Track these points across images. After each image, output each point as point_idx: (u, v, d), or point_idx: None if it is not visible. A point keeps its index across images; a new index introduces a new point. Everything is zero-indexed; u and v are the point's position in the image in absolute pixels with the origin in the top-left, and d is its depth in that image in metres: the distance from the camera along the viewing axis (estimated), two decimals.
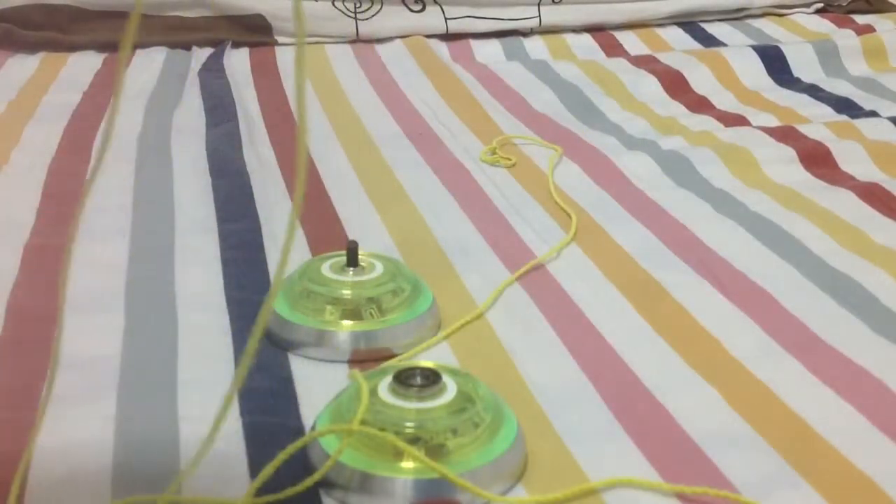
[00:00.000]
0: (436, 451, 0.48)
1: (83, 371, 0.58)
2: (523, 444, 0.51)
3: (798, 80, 1.16)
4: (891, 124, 0.98)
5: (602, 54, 1.29)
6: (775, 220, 0.77)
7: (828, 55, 1.21)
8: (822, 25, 1.37)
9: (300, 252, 0.73)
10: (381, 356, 0.60)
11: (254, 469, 0.50)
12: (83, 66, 1.19)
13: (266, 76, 1.18)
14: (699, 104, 1.08)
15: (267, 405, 0.55)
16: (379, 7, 1.32)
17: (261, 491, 0.48)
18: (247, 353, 0.24)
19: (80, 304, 0.65)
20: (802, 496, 0.48)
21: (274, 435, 0.52)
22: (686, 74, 1.15)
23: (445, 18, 1.33)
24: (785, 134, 0.94)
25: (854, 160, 0.89)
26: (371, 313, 0.61)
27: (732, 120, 1.02)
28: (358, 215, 0.80)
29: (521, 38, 1.34)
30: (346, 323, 0.61)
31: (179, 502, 0.48)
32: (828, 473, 0.50)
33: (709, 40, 1.33)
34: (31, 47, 1.24)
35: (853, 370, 0.58)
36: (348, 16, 1.31)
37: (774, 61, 1.19)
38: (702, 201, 0.81)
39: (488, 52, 1.30)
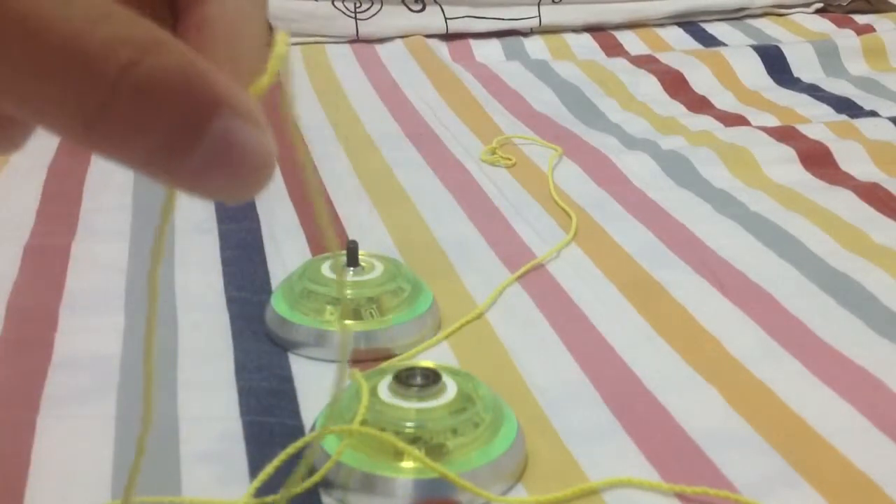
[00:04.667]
0: (436, 451, 0.48)
1: (83, 371, 0.58)
2: (523, 444, 0.51)
3: (798, 80, 1.16)
4: (891, 124, 0.98)
5: (602, 54, 1.29)
6: (775, 220, 0.77)
7: (828, 55, 1.21)
8: (822, 25, 1.37)
9: (300, 252, 0.73)
10: (381, 356, 0.60)
11: (254, 469, 0.50)
12: None
13: None
14: (699, 104, 1.08)
15: (267, 405, 0.55)
16: (379, 7, 1.32)
17: (261, 491, 0.48)
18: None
19: (80, 304, 0.65)
20: (802, 496, 0.48)
21: (274, 435, 0.52)
22: (686, 74, 1.15)
23: (445, 18, 1.32)
24: (785, 134, 0.94)
25: (854, 160, 0.89)
26: (371, 313, 0.61)
27: (732, 120, 1.02)
28: (358, 215, 0.80)
29: (521, 38, 1.34)
30: (347, 323, 0.61)
31: (179, 502, 0.48)
32: (828, 473, 0.50)
33: (709, 40, 1.33)
34: None
35: (853, 370, 0.58)
36: (348, 16, 1.31)
37: (774, 61, 1.19)
38: (702, 201, 0.81)
39: (488, 52, 1.30)
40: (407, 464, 0.48)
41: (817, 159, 0.89)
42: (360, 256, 0.64)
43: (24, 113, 0.21)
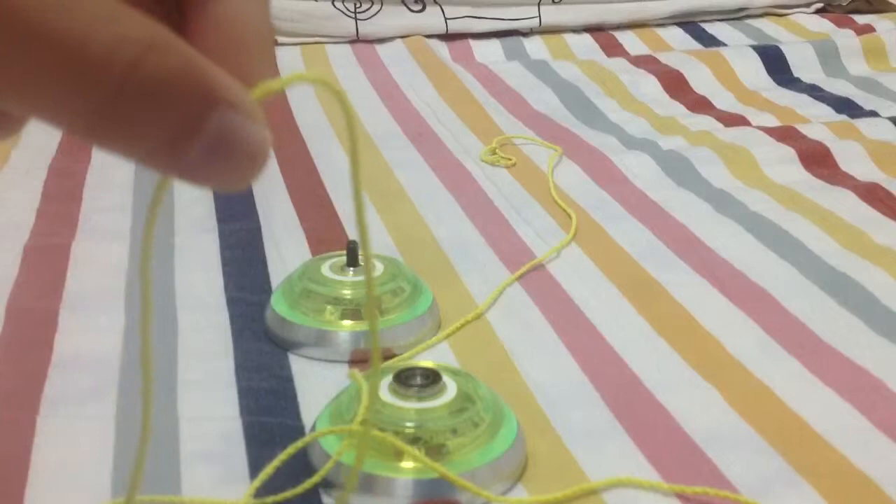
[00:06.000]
0: (436, 451, 0.48)
1: (83, 371, 0.58)
2: (523, 444, 0.51)
3: (798, 80, 1.16)
4: (891, 124, 0.97)
5: (602, 54, 1.29)
6: (775, 220, 0.77)
7: (828, 55, 1.21)
8: (822, 25, 1.37)
9: (300, 252, 0.73)
10: (381, 356, 0.60)
11: (254, 469, 0.50)
12: None
13: None
14: (699, 104, 1.08)
15: (267, 405, 0.55)
16: (379, 7, 1.32)
17: (261, 491, 0.48)
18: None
19: (80, 304, 0.65)
20: (802, 496, 0.48)
21: (274, 435, 0.52)
22: (686, 74, 1.15)
23: (445, 18, 1.32)
24: (785, 134, 0.94)
25: (854, 160, 0.89)
26: None
27: (732, 120, 1.02)
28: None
29: (521, 38, 1.34)
30: (346, 323, 0.61)
31: (179, 502, 0.48)
32: (828, 473, 0.50)
33: (709, 40, 1.33)
34: None
35: (853, 370, 0.58)
36: (348, 16, 1.31)
37: (774, 61, 1.19)
38: (702, 201, 0.81)
39: (488, 52, 1.30)
40: (407, 464, 0.48)
41: (817, 159, 0.89)
42: (360, 256, 0.64)
43: (30, 111, 0.22)
